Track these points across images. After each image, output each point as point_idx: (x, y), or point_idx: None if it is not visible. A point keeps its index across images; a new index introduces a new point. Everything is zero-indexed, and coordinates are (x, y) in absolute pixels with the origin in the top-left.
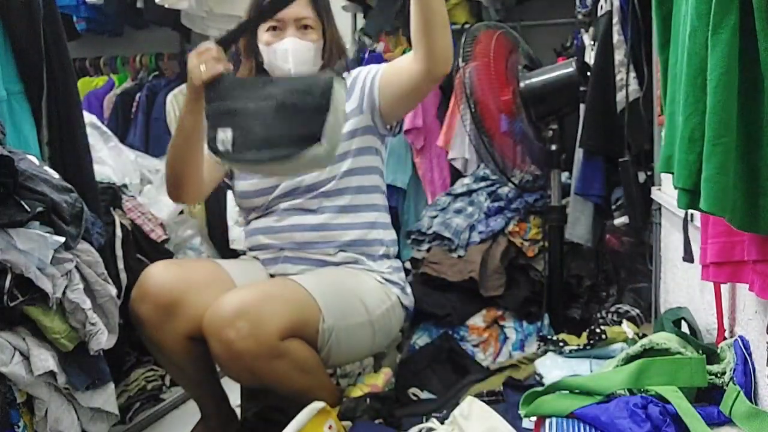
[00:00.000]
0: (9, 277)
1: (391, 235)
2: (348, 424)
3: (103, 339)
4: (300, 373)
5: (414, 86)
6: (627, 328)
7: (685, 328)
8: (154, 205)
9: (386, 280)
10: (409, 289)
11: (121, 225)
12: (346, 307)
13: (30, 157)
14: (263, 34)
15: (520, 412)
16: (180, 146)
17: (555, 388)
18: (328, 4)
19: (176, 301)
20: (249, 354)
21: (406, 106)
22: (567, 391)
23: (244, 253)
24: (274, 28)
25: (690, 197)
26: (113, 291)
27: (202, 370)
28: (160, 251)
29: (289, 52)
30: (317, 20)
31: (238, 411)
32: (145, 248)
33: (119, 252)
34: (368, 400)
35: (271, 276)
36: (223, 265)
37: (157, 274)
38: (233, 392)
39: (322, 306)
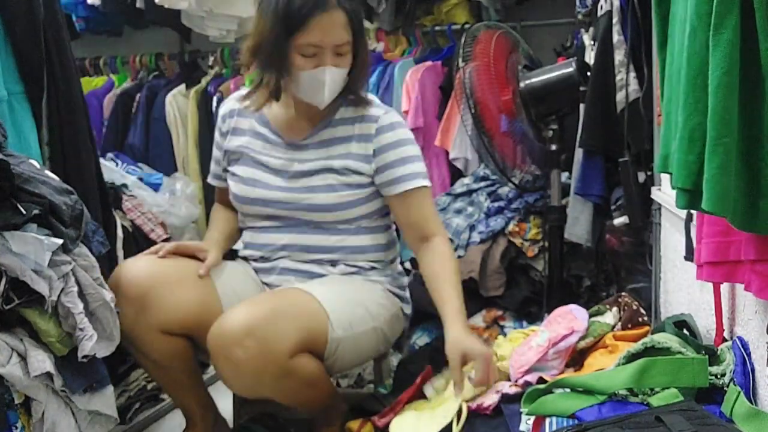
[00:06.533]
0: (4, 281)
1: (393, 252)
2: None
3: (88, 345)
4: (306, 387)
5: None
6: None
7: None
8: (166, 215)
9: (388, 290)
10: (409, 297)
11: (122, 226)
12: (353, 316)
13: (31, 161)
14: (296, 57)
15: (521, 410)
16: None
17: (556, 386)
18: (361, 13)
19: (147, 292)
20: (257, 373)
21: None
22: (569, 390)
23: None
24: (311, 53)
25: (689, 197)
26: (108, 296)
27: (184, 371)
28: None
29: (326, 84)
30: (352, 41)
31: (229, 417)
32: (146, 249)
33: (120, 253)
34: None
35: (266, 284)
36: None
37: (129, 266)
38: (226, 397)
39: (331, 316)
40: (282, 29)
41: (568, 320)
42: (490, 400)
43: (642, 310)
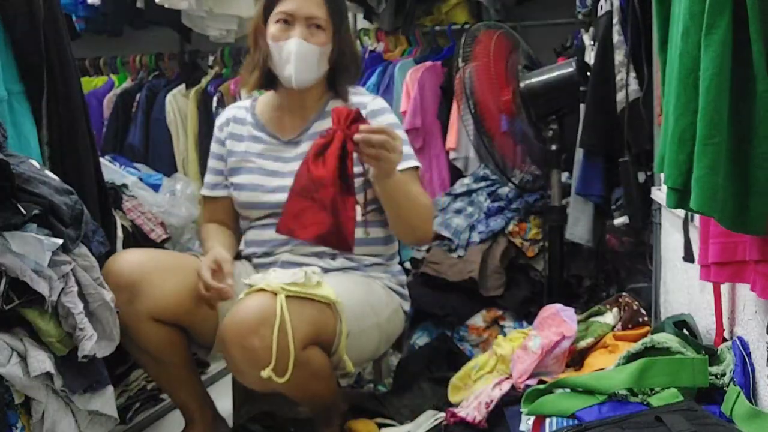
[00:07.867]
0: (4, 281)
1: (392, 248)
2: None
3: (88, 345)
4: (314, 381)
5: None
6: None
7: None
8: (166, 216)
9: (388, 286)
10: (408, 294)
11: (122, 226)
12: (358, 311)
13: (31, 160)
14: (272, 25)
15: (521, 410)
16: None
17: (556, 386)
18: (344, 6)
19: (137, 280)
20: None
21: None
22: (569, 390)
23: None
24: (284, 21)
25: (679, 196)
26: (107, 296)
27: (179, 364)
28: None
29: (292, 55)
30: (329, 21)
31: (229, 417)
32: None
33: None
34: None
35: None
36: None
37: (120, 257)
38: (225, 397)
39: (340, 310)
40: (265, 2)
41: (558, 324)
42: (478, 413)
43: (642, 310)
